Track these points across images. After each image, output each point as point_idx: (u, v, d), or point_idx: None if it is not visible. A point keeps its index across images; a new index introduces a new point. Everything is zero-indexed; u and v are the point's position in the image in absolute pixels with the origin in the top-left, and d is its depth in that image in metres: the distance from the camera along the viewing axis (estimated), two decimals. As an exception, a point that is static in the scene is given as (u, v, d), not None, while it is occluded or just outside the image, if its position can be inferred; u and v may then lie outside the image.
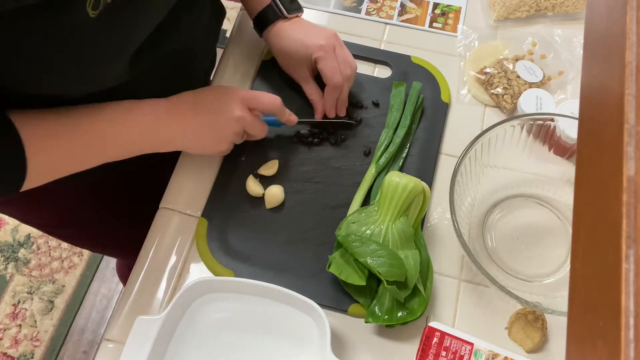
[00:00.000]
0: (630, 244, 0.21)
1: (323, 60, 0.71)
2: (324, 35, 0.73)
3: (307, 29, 0.74)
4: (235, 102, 0.66)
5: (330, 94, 0.73)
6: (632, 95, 0.23)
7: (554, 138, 0.69)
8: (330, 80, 0.72)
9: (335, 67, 0.72)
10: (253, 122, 0.67)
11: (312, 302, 0.60)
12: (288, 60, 0.76)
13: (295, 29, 0.74)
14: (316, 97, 0.76)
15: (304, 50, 0.72)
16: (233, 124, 0.66)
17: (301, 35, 0.73)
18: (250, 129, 0.68)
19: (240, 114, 0.66)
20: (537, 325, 0.63)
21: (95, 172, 0.63)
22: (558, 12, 0.88)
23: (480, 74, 0.81)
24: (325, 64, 0.71)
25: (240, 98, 0.66)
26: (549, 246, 0.70)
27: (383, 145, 0.74)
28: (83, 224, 0.87)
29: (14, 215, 0.82)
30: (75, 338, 1.50)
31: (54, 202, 0.79)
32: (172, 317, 0.62)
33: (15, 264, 1.59)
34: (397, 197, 0.63)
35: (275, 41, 0.75)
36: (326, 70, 0.71)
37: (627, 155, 0.23)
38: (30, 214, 0.82)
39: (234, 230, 0.70)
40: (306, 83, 0.76)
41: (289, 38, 0.74)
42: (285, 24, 0.74)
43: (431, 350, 0.61)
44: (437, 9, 0.90)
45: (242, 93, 0.67)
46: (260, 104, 0.68)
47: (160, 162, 0.74)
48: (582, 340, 0.24)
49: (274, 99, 0.69)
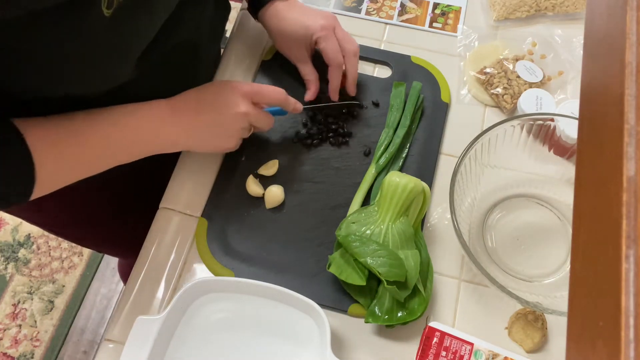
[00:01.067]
0: (630, 244, 0.21)
1: (324, 40, 0.71)
2: (323, 16, 0.73)
3: (305, 9, 0.74)
4: (239, 98, 0.65)
5: (334, 74, 0.74)
6: (632, 95, 0.23)
7: (554, 138, 0.69)
8: (332, 60, 0.72)
9: (337, 46, 0.72)
10: (258, 116, 0.67)
11: (312, 302, 0.60)
12: (286, 41, 0.75)
13: (293, 10, 0.74)
14: (312, 77, 0.76)
15: (303, 30, 0.72)
16: (239, 120, 0.66)
17: (300, 16, 0.73)
18: (256, 123, 0.68)
19: (245, 109, 0.65)
20: (537, 325, 0.63)
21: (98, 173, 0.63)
22: (558, 12, 0.88)
23: (480, 74, 0.81)
24: (326, 43, 0.71)
25: (244, 93, 0.66)
26: (549, 246, 0.70)
27: (383, 145, 0.74)
28: (86, 224, 0.87)
29: (17, 214, 0.82)
30: (75, 338, 1.50)
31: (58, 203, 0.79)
32: (172, 317, 0.62)
33: (15, 264, 1.59)
34: (397, 197, 0.63)
35: (272, 22, 0.75)
36: (328, 50, 0.72)
37: (627, 155, 0.23)
38: (34, 213, 0.82)
39: (234, 230, 0.70)
40: (304, 64, 0.76)
41: (287, 18, 0.73)
42: (282, 5, 0.74)
43: (431, 350, 0.61)
44: (437, 9, 0.90)
45: (245, 88, 0.66)
46: (265, 97, 0.68)
47: (163, 162, 0.74)
48: (582, 340, 0.24)
49: (278, 92, 0.68)
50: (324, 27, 0.71)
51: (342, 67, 0.73)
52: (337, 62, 0.72)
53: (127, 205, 0.88)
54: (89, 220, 0.86)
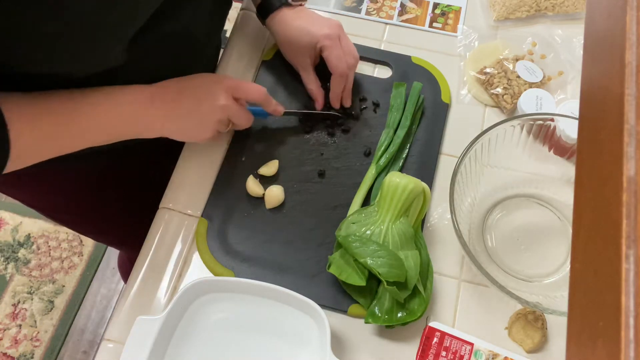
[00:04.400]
0: (630, 244, 0.21)
1: (329, 48, 0.72)
2: (329, 25, 0.73)
3: (312, 17, 0.75)
4: (220, 90, 0.66)
5: (336, 82, 0.74)
6: (632, 95, 0.24)
7: (554, 138, 0.69)
8: (336, 69, 0.72)
9: (341, 55, 0.72)
10: (238, 111, 0.67)
11: (312, 302, 0.60)
12: (291, 48, 0.76)
13: (300, 17, 0.74)
14: (314, 86, 0.76)
15: (308, 38, 0.73)
16: (217, 112, 0.66)
17: (306, 24, 0.74)
18: (234, 118, 0.68)
19: (224, 102, 0.65)
20: (537, 325, 0.63)
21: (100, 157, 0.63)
22: (558, 12, 0.88)
23: (480, 74, 0.81)
24: (330, 52, 0.72)
25: (226, 87, 0.66)
26: (549, 246, 0.70)
27: (383, 145, 0.74)
28: (87, 210, 0.87)
29: (18, 197, 0.82)
30: (75, 338, 1.50)
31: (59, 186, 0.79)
32: (172, 317, 0.62)
33: (15, 264, 1.59)
34: (397, 198, 0.63)
35: (279, 28, 0.75)
36: (332, 58, 0.72)
37: (627, 155, 0.23)
38: (34, 197, 0.83)
39: (234, 230, 0.70)
40: (307, 72, 0.76)
41: (293, 26, 0.74)
42: (290, 12, 0.75)
43: (431, 350, 0.61)
44: (437, 9, 0.90)
45: (227, 81, 0.67)
46: (245, 92, 0.68)
47: (165, 152, 0.74)
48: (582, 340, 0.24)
49: (258, 89, 0.69)
50: (329, 36, 0.72)
51: (345, 77, 0.74)
52: (339, 70, 0.73)
53: (130, 194, 0.88)
54: (89, 207, 0.86)
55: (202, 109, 0.65)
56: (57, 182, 0.78)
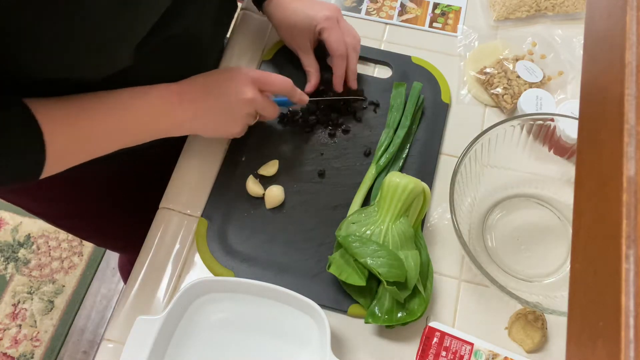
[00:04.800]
0: (630, 244, 0.21)
1: (328, 30, 0.72)
2: (328, 7, 0.74)
3: (309, 0, 0.75)
4: (246, 84, 0.66)
5: (338, 64, 0.74)
6: (632, 95, 0.24)
7: (554, 138, 0.69)
8: (335, 50, 0.73)
9: (340, 37, 0.73)
10: (264, 103, 0.68)
11: (312, 302, 0.60)
12: (290, 31, 0.76)
13: (297, 1, 0.75)
14: (313, 69, 0.77)
15: (307, 20, 0.73)
16: (245, 106, 0.66)
17: (304, 7, 0.74)
18: (262, 110, 0.68)
19: (251, 95, 0.66)
20: (537, 325, 0.63)
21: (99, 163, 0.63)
22: (558, 12, 0.88)
23: (480, 74, 0.81)
24: (330, 34, 0.72)
25: (251, 79, 0.66)
26: (549, 246, 0.70)
27: (383, 145, 0.74)
28: (89, 216, 0.87)
29: (17, 203, 0.82)
30: (75, 338, 1.50)
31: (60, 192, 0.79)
32: (172, 317, 0.62)
33: (15, 264, 1.59)
34: (397, 198, 0.63)
35: (276, 12, 0.75)
36: (331, 40, 0.72)
37: (627, 155, 0.23)
38: (36, 203, 0.82)
39: (234, 230, 0.70)
40: (306, 54, 0.76)
41: (291, 9, 0.74)
42: None
43: (431, 350, 0.61)
44: (437, 9, 0.90)
45: (252, 74, 0.67)
46: (272, 85, 0.68)
47: (165, 152, 0.74)
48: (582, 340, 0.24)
49: (285, 81, 0.69)
50: (328, 17, 0.72)
51: (345, 58, 0.74)
52: (339, 52, 0.73)
53: (131, 199, 0.88)
54: (91, 212, 0.86)
55: (230, 104, 0.66)
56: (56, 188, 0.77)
